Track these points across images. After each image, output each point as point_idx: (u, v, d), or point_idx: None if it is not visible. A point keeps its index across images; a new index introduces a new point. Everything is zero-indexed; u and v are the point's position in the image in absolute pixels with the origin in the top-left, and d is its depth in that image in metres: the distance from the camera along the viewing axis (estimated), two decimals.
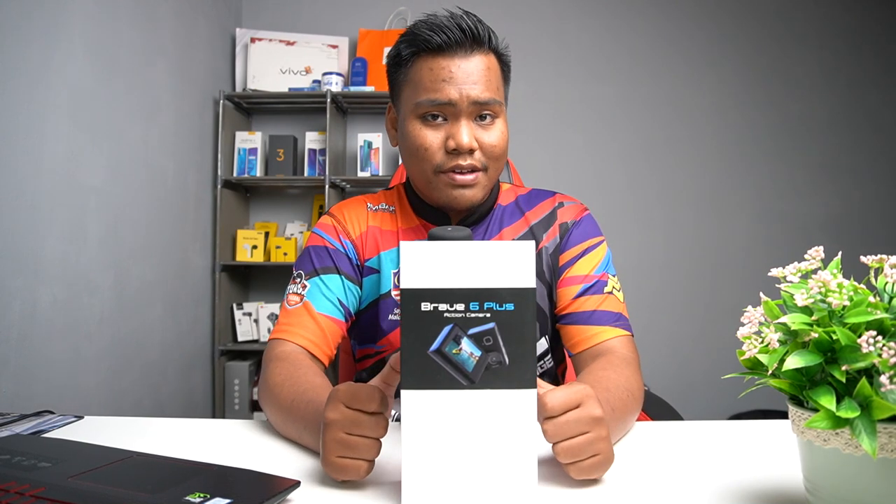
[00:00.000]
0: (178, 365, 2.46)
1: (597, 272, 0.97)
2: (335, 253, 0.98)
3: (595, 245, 1.00)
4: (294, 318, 0.93)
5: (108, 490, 0.57)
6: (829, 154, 3.04)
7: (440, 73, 0.89)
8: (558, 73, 3.04)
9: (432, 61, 0.90)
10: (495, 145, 0.91)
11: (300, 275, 0.97)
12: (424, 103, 0.90)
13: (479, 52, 0.90)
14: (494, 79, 0.91)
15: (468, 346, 0.56)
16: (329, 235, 1.00)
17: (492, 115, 0.91)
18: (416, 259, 0.56)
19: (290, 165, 2.85)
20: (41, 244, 1.69)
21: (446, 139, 0.90)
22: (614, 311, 0.94)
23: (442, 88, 0.88)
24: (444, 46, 0.89)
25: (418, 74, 0.91)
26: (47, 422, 0.90)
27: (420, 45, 0.90)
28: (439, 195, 0.93)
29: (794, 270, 0.56)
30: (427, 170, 0.92)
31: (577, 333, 0.94)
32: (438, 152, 0.91)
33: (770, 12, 3.06)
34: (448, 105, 0.89)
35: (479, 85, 0.89)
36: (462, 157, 0.90)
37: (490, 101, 0.90)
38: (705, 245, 3.03)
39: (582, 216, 1.03)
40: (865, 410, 0.47)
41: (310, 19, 3.05)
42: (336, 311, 0.95)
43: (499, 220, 1.02)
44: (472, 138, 0.89)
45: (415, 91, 0.91)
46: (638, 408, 0.84)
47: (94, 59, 1.92)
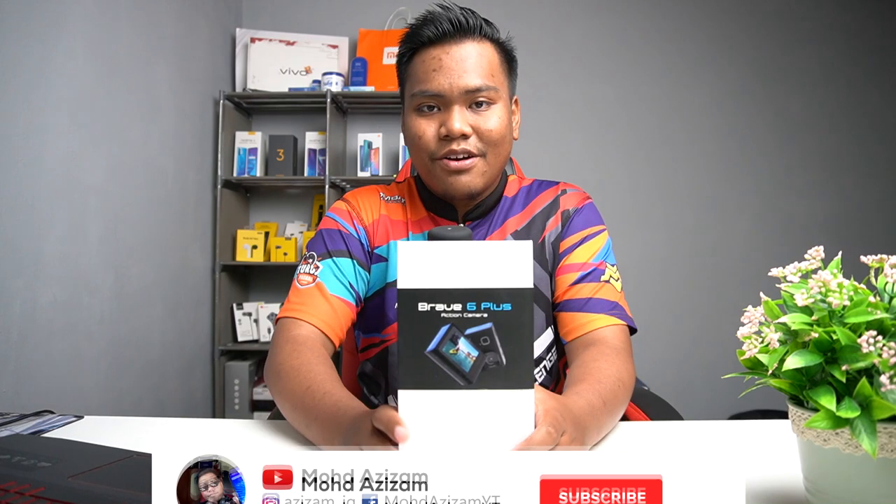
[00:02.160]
0: (178, 365, 2.46)
1: (594, 260, 0.97)
2: (348, 237, 0.98)
3: (595, 233, 1.00)
4: (307, 298, 0.92)
5: (108, 490, 0.57)
6: (829, 154, 3.03)
7: (431, 64, 0.91)
8: (559, 73, 3.04)
9: (425, 53, 0.92)
10: (492, 130, 0.92)
11: (312, 256, 0.97)
12: (418, 95, 0.92)
13: (471, 39, 0.92)
14: (487, 65, 0.92)
15: (465, 347, 0.56)
16: (343, 220, 1.01)
17: (487, 101, 0.92)
18: (414, 259, 0.56)
19: (290, 165, 2.85)
20: (41, 244, 1.69)
21: (440, 127, 0.91)
22: (610, 300, 0.93)
23: (433, 79, 0.90)
24: (434, 38, 0.91)
25: (414, 68, 0.94)
26: (47, 422, 0.90)
27: (414, 40, 0.93)
28: (438, 182, 0.95)
29: (795, 270, 0.56)
30: (424, 158, 0.94)
31: (571, 321, 0.94)
32: (433, 140, 0.92)
33: (770, 12, 3.06)
34: (438, 95, 0.90)
35: (470, 73, 0.90)
36: (455, 143, 0.91)
37: (483, 87, 0.90)
38: (705, 245, 3.03)
39: (584, 204, 1.03)
40: (865, 410, 0.47)
41: (310, 19, 3.05)
42: (348, 294, 0.95)
43: (503, 211, 1.03)
44: (463, 124, 0.90)
45: (412, 85, 0.94)
46: (628, 396, 0.84)
47: (94, 59, 1.92)
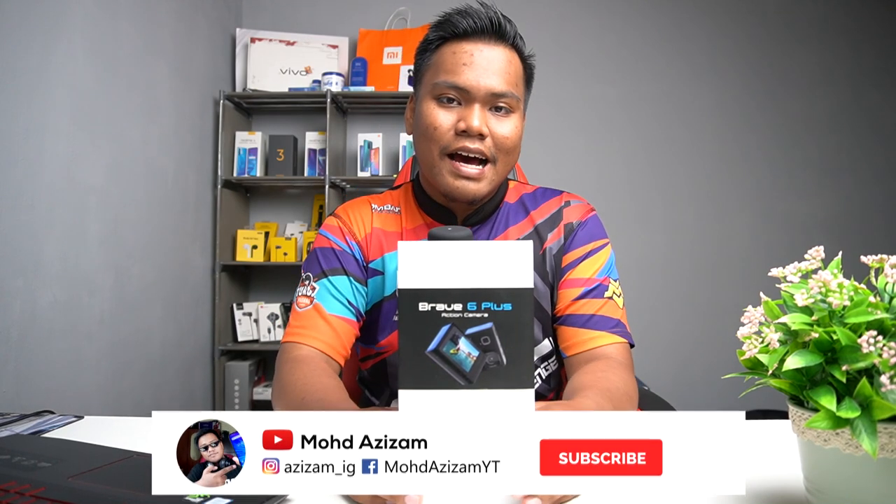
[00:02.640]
0: (178, 365, 2.46)
1: (598, 276, 0.96)
2: (342, 254, 0.98)
3: (599, 248, 0.99)
4: (306, 321, 0.93)
5: (108, 490, 0.57)
6: (829, 154, 3.04)
7: (462, 57, 0.90)
8: (559, 73, 3.04)
9: (456, 45, 0.91)
10: (507, 137, 0.91)
11: (308, 277, 0.97)
12: (441, 84, 0.91)
13: (504, 45, 0.92)
14: (514, 74, 0.92)
15: (466, 346, 0.56)
16: (335, 237, 1.00)
17: (507, 108, 0.91)
18: (414, 259, 0.56)
19: (290, 165, 2.85)
20: (41, 244, 1.69)
21: (458, 121, 0.90)
22: (612, 318, 0.94)
23: (462, 72, 0.90)
24: (470, 31, 0.90)
25: (442, 57, 0.92)
26: (47, 422, 0.90)
27: (448, 29, 0.92)
28: (442, 181, 0.92)
29: (795, 270, 0.56)
30: (434, 150, 0.92)
31: (573, 336, 0.94)
32: (448, 133, 0.90)
33: (770, 12, 3.06)
34: (464, 90, 0.89)
35: (497, 76, 0.90)
36: (471, 140, 0.90)
37: (507, 94, 0.90)
38: (705, 245, 3.03)
39: (588, 217, 1.02)
40: (865, 410, 0.47)
41: (310, 19, 3.05)
42: (347, 311, 0.95)
43: (504, 218, 1.01)
44: (483, 123, 0.89)
45: (436, 73, 0.92)
46: (633, 409, 0.85)
47: (94, 59, 1.92)
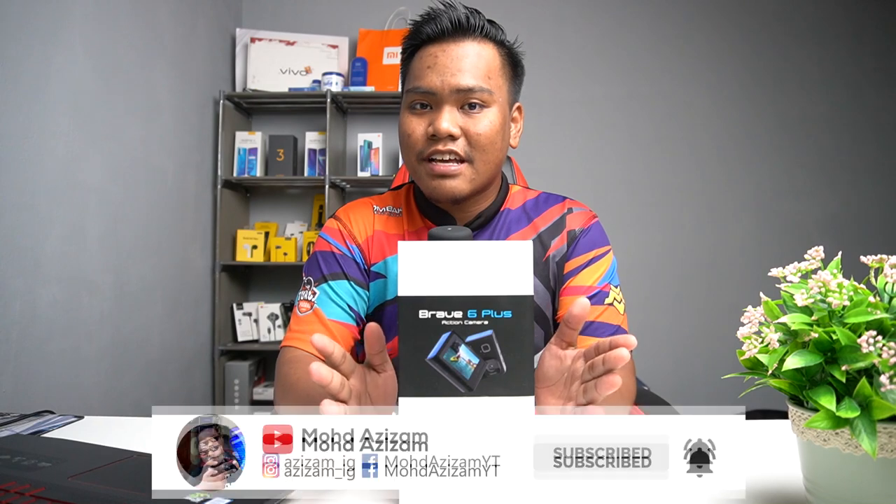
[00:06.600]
0: (178, 365, 2.46)
1: (600, 283, 0.96)
2: (342, 258, 0.97)
3: (601, 255, 0.99)
4: (305, 326, 0.93)
5: (108, 490, 0.57)
6: (829, 154, 3.03)
7: (427, 61, 0.90)
8: (556, 74, 3.04)
9: (423, 51, 0.91)
10: (480, 134, 0.89)
11: (309, 281, 0.97)
12: (411, 92, 0.91)
13: (471, 39, 0.90)
14: (485, 66, 0.90)
15: (466, 354, 0.56)
16: (335, 240, 0.99)
17: (480, 103, 0.89)
18: (415, 263, 0.56)
19: (290, 165, 2.85)
20: (41, 244, 1.69)
21: (428, 126, 0.90)
22: (612, 324, 0.93)
23: (425, 76, 0.89)
24: (433, 35, 0.90)
25: (412, 65, 0.93)
26: (47, 422, 0.90)
27: (416, 37, 0.92)
28: (423, 185, 0.93)
29: (794, 270, 0.56)
30: (412, 158, 0.93)
31: None
32: (421, 139, 0.91)
33: (769, 13, 3.06)
34: (429, 92, 0.89)
35: (464, 72, 0.88)
36: (441, 143, 0.89)
37: (476, 88, 0.88)
38: (705, 245, 3.03)
39: (590, 224, 1.01)
40: (865, 410, 0.47)
41: (310, 19, 3.04)
42: (347, 316, 0.94)
43: (506, 225, 1.00)
44: (451, 124, 0.88)
45: (409, 82, 0.93)
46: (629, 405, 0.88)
47: (94, 59, 1.92)
